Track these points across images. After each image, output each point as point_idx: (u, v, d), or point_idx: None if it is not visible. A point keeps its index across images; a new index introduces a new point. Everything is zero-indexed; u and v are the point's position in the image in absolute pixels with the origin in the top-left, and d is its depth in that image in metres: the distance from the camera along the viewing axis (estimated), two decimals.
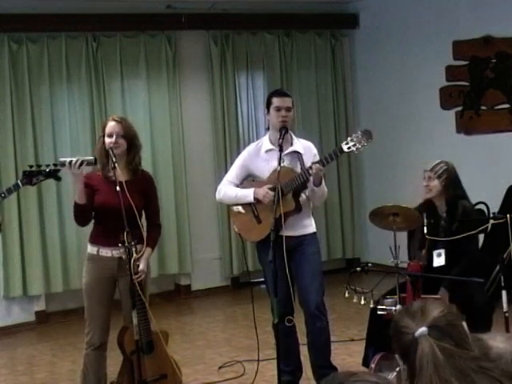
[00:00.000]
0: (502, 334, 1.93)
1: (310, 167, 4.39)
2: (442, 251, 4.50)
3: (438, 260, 4.52)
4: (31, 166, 4.21)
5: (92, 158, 4.27)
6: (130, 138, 4.35)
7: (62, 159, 4.21)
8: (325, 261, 7.21)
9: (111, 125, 4.32)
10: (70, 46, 7.06)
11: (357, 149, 4.35)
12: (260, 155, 4.68)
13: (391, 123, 8.02)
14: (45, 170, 4.17)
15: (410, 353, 1.77)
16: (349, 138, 4.39)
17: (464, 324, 1.83)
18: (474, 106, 7.25)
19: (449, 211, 4.57)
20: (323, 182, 4.52)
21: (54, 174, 4.20)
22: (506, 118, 6.99)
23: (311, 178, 4.44)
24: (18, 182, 4.16)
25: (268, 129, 4.76)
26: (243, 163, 4.74)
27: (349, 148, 4.35)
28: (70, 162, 4.13)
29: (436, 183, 4.57)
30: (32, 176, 4.15)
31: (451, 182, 4.58)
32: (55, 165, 4.23)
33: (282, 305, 4.32)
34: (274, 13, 8.01)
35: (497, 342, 1.85)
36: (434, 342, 1.74)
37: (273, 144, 4.62)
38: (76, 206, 4.28)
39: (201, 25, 7.68)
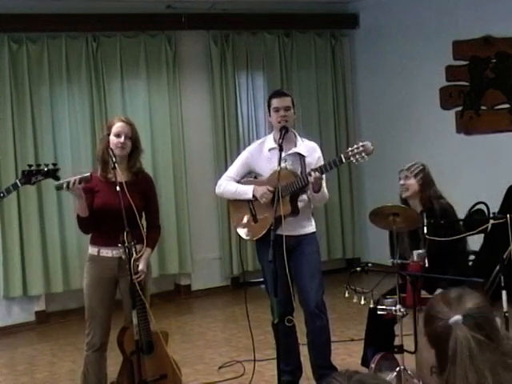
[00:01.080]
0: None
1: (309, 174, 4.39)
2: (422, 251, 4.48)
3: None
4: (30, 166, 4.20)
5: (88, 174, 4.27)
6: (135, 141, 4.36)
7: (57, 183, 4.18)
8: (325, 261, 7.20)
9: (120, 125, 4.31)
10: (70, 46, 7.06)
11: (356, 160, 4.36)
12: (263, 153, 4.69)
13: (391, 123, 8.01)
14: (44, 170, 4.16)
15: (442, 339, 1.79)
16: (349, 149, 4.40)
17: (497, 319, 1.86)
18: (474, 105, 7.25)
19: (425, 210, 4.58)
20: (324, 186, 4.54)
21: (52, 174, 4.19)
22: (506, 117, 6.99)
23: (310, 185, 4.45)
24: (17, 181, 4.14)
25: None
26: (245, 160, 4.76)
27: (348, 159, 4.37)
28: (68, 185, 4.12)
29: (413, 182, 4.65)
30: (31, 175, 4.13)
31: (427, 181, 4.66)
32: (54, 164, 4.23)
33: (282, 305, 4.31)
34: (274, 13, 8.01)
35: None
36: (468, 332, 1.76)
37: (276, 143, 4.62)
38: (79, 219, 4.30)
39: (201, 25, 7.68)
